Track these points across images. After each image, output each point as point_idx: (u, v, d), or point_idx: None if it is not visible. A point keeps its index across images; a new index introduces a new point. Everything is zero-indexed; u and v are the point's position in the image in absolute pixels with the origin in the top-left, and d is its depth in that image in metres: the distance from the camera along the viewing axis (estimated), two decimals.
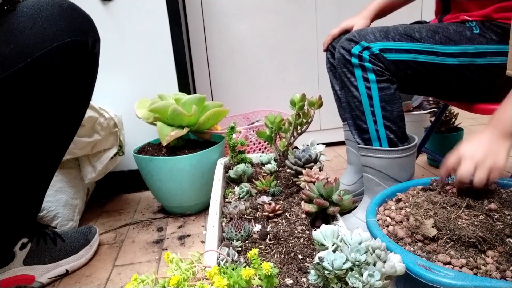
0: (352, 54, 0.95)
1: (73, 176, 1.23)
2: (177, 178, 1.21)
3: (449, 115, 1.53)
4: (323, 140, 1.92)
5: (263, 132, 1.07)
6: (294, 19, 1.83)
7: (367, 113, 0.98)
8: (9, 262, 0.89)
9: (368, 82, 0.95)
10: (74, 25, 0.75)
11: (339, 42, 1.01)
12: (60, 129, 0.84)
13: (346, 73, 0.99)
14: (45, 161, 0.85)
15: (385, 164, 0.97)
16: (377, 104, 0.96)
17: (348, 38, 0.97)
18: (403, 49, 0.94)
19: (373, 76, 0.94)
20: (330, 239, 0.55)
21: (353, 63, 0.96)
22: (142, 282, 0.49)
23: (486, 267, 0.55)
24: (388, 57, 0.94)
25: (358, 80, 0.97)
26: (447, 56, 0.93)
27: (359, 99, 0.97)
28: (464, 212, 0.67)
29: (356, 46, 0.95)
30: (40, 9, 0.72)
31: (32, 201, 0.89)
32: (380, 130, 0.97)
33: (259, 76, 1.87)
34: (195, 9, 1.75)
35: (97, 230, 1.12)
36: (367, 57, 0.94)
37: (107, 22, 1.36)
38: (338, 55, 0.99)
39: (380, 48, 0.94)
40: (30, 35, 0.69)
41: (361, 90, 0.97)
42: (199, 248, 1.06)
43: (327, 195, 0.73)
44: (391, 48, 0.94)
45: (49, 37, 0.71)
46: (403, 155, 0.97)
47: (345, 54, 0.97)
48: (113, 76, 1.41)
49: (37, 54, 0.70)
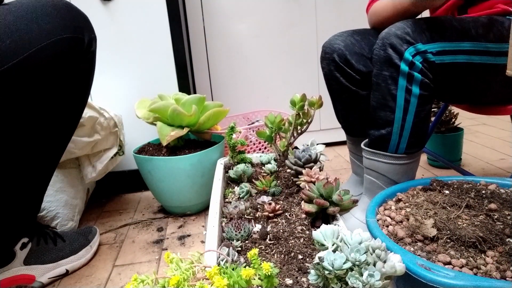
0: (404, 59, 0.80)
1: (73, 176, 1.23)
2: (177, 178, 1.21)
3: (449, 115, 1.53)
4: (323, 140, 1.92)
5: (263, 132, 1.07)
6: (294, 19, 1.83)
7: (396, 126, 0.87)
8: (9, 261, 0.89)
9: (410, 95, 0.83)
10: (70, 23, 0.76)
11: (382, 37, 0.84)
12: (58, 127, 0.84)
13: (386, 78, 0.84)
14: (43, 159, 0.85)
15: (390, 169, 0.93)
16: (410, 120, 0.85)
17: (399, 36, 0.81)
18: (460, 50, 0.81)
19: (418, 91, 0.82)
20: (330, 239, 0.55)
21: (401, 70, 0.81)
22: (142, 282, 0.49)
23: (486, 267, 0.55)
24: (442, 59, 0.81)
25: (399, 91, 0.84)
26: (501, 55, 0.81)
27: (393, 110, 0.86)
28: (464, 212, 0.67)
29: (410, 49, 0.80)
30: (35, 6, 0.72)
31: (32, 200, 0.89)
32: (401, 145, 0.89)
33: (259, 76, 1.87)
34: (195, 9, 1.75)
35: (97, 230, 1.12)
36: (419, 66, 0.80)
37: (107, 22, 1.36)
38: (383, 54, 0.84)
39: (437, 50, 0.80)
40: (25, 31, 0.70)
41: (399, 103, 0.85)
42: (199, 248, 1.06)
43: (327, 195, 0.73)
44: (448, 49, 0.81)
45: (44, 33, 0.71)
46: (410, 161, 0.93)
47: (394, 57, 0.81)
48: (113, 76, 1.41)
49: (32, 49, 0.70)
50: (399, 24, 0.84)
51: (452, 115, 1.54)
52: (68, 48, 0.75)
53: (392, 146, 0.90)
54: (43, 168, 0.87)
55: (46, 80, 0.75)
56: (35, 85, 0.74)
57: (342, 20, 1.83)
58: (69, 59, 0.77)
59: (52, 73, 0.75)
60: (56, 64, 0.74)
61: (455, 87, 0.91)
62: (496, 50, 0.82)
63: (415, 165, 0.96)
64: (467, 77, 0.86)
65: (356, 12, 1.84)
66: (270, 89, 1.89)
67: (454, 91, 0.94)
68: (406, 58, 0.80)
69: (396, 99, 0.85)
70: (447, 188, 0.78)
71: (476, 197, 0.72)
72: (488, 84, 0.88)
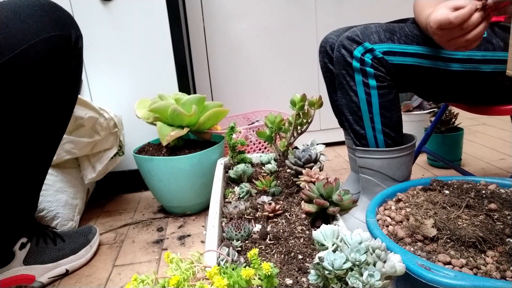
0: (354, 56, 0.90)
1: (73, 176, 1.23)
2: (177, 178, 1.21)
3: (449, 115, 1.53)
4: (323, 140, 1.92)
5: (263, 132, 1.07)
6: (294, 19, 1.83)
7: (365, 119, 0.94)
8: (9, 261, 0.89)
9: (369, 88, 0.91)
10: (57, 21, 0.77)
11: (338, 40, 0.95)
12: (50, 123, 0.85)
13: (345, 76, 0.94)
14: (36, 156, 0.85)
15: (384, 165, 0.96)
16: (376, 111, 0.93)
17: (350, 37, 0.91)
18: (408, 53, 0.89)
19: (374, 82, 0.90)
20: (330, 239, 0.55)
21: (354, 67, 0.91)
22: (142, 282, 0.49)
23: (486, 267, 0.55)
24: (392, 60, 0.89)
25: (357, 86, 0.93)
26: (452, 61, 0.89)
27: (358, 105, 0.94)
28: (464, 212, 0.67)
29: (359, 48, 0.90)
30: (21, 6, 0.74)
31: (27, 198, 0.89)
32: (378, 137, 0.95)
33: (259, 76, 1.87)
34: (195, 9, 1.75)
35: (97, 230, 1.12)
36: (369, 61, 0.89)
37: (107, 22, 1.36)
38: (338, 55, 0.94)
39: (384, 50, 0.89)
40: (14, 30, 0.71)
41: (361, 96, 0.93)
42: (199, 248, 1.06)
43: (327, 195, 0.73)
44: (395, 51, 0.89)
45: (33, 31, 0.72)
46: (402, 154, 0.95)
47: (346, 55, 0.92)
48: (113, 76, 1.41)
49: (22, 47, 0.71)
50: (353, 29, 0.94)
51: (452, 115, 1.54)
52: (57, 45, 0.77)
53: (370, 140, 0.95)
54: (36, 165, 0.87)
55: (38, 76, 0.76)
56: (27, 82, 0.74)
57: (342, 21, 1.83)
58: (59, 56, 0.78)
59: (43, 69, 0.76)
60: (46, 61, 0.75)
61: (417, 86, 0.97)
62: (447, 56, 0.88)
63: (408, 158, 0.98)
64: (421, 78, 0.92)
65: (356, 12, 1.84)
66: (270, 89, 1.89)
67: (420, 90, 0.99)
68: (355, 56, 0.90)
69: (358, 94, 0.93)
70: (447, 188, 0.78)
71: (476, 197, 0.72)
72: (447, 86, 0.94)
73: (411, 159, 1.00)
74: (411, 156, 1.00)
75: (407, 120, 1.70)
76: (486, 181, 0.80)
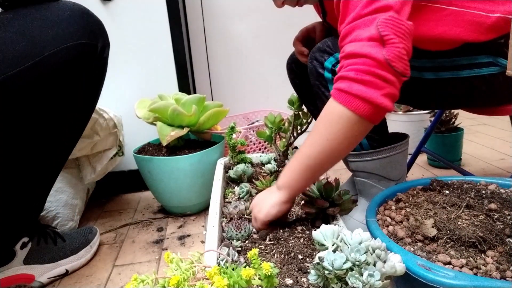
0: (325, 68, 0.89)
1: (73, 176, 1.23)
2: (177, 178, 1.21)
3: (449, 115, 1.53)
4: None
5: (263, 132, 1.08)
6: (294, 19, 1.83)
7: None
8: (9, 261, 0.89)
9: None
10: (85, 29, 0.77)
11: (311, 51, 0.94)
12: (66, 130, 0.85)
13: (319, 86, 0.93)
14: (49, 162, 0.85)
15: (376, 165, 0.94)
16: None
17: (321, 49, 0.91)
18: None
19: None
20: (330, 239, 0.55)
21: (326, 78, 0.89)
22: (142, 282, 0.49)
23: (486, 267, 0.55)
24: None
25: None
26: (424, 70, 0.87)
27: None
28: (464, 212, 0.67)
29: (330, 59, 0.88)
30: (51, 12, 0.73)
31: (35, 201, 0.89)
32: (362, 142, 0.93)
33: (259, 76, 1.87)
34: (195, 9, 1.75)
35: (97, 230, 1.12)
36: None
37: (107, 22, 1.34)
38: (311, 66, 0.93)
39: None
40: (40, 36, 0.71)
41: None
42: (199, 248, 1.06)
43: (327, 195, 0.73)
44: None
45: (59, 39, 0.72)
46: (393, 153, 0.94)
47: (318, 66, 0.91)
48: (113, 76, 1.41)
49: (45, 54, 0.71)
50: (324, 39, 0.93)
51: (452, 115, 1.54)
52: (81, 54, 0.76)
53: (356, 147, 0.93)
54: (49, 170, 0.87)
55: (57, 83, 0.75)
56: (46, 89, 0.74)
57: None
58: (81, 65, 0.77)
59: (63, 76, 0.76)
60: (67, 69, 0.75)
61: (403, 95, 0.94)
62: (418, 65, 0.85)
63: (401, 156, 0.97)
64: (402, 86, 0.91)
65: None
66: (270, 89, 1.89)
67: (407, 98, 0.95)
68: (326, 67, 0.89)
69: None
70: (447, 188, 0.78)
71: (476, 197, 0.72)
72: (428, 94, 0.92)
73: (404, 158, 0.99)
74: (404, 155, 0.98)
75: (407, 120, 1.70)
76: (486, 181, 0.80)
